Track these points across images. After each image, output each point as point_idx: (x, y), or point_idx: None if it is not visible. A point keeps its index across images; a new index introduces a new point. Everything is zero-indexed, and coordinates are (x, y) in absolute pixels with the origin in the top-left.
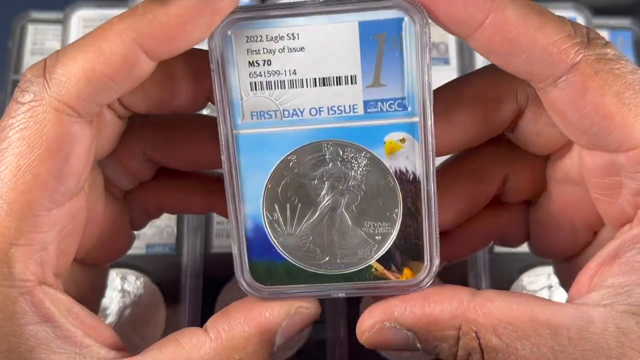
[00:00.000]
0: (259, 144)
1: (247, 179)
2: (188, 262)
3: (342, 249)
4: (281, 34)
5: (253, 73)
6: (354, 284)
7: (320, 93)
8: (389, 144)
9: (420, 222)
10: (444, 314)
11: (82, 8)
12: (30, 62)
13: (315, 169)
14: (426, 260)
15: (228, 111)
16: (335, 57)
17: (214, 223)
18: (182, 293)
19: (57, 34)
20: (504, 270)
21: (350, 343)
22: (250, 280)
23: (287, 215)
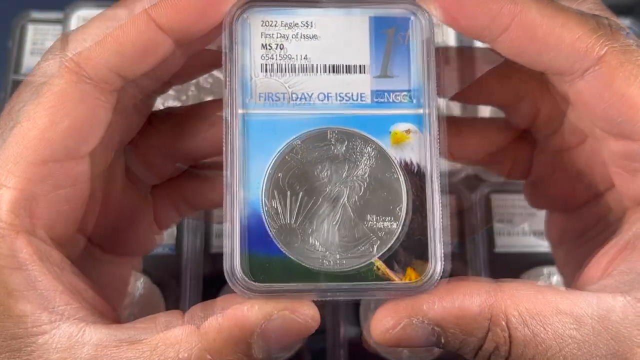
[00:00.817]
0: (264, 126)
1: (248, 162)
2: (188, 262)
3: (343, 243)
4: (296, 21)
5: (265, 55)
6: (354, 285)
7: (330, 80)
8: (395, 134)
9: (424, 217)
10: (473, 305)
11: (82, 8)
12: (30, 62)
13: (320, 157)
14: (431, 259)
15: (237, 90)
16: (346, 47)
17: (213, 223)
18: (181, 293)
19: (57, 34)
20: (504, 270)
21: (350, 343)
22: (240, 275)
23: (287, 204)
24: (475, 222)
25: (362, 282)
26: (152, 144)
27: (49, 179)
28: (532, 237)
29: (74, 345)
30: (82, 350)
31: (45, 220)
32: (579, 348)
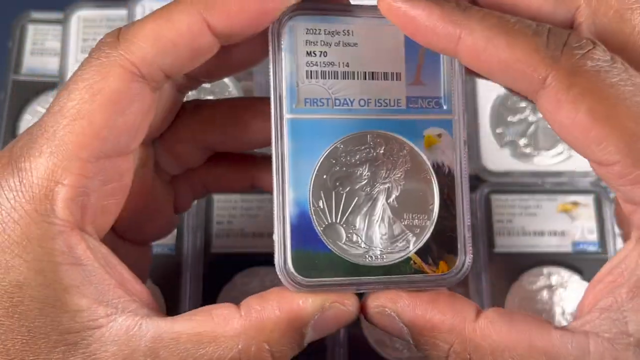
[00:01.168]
0: (309, 130)
1: (296, 164)
2: (188, 262)
3: (383, 239)
4: (338, 29)
5: (310, 62)
6: (392, 278)
7: (368, 86)
8: (428, 138)
9: (454, 215)
10: (443, 324)
11: (82, 8)
12: (30, 62)
13: (360, 159)
14: (460, 253)
15: (283, 96)
16: (383, 55)
17: (213, 223)
18: (182, 293)
19: (57, 34)
20: (503, 270)
21: (350, 343)
22: (290, 270)
23: (332, 203)
24: (475, 222)
25: (400, 275)
26: (182, 136)
27: (100, 175)
28: (532, 237)
29: (132, 337)
30: (140, 342)
31: (93, 215)
32: None
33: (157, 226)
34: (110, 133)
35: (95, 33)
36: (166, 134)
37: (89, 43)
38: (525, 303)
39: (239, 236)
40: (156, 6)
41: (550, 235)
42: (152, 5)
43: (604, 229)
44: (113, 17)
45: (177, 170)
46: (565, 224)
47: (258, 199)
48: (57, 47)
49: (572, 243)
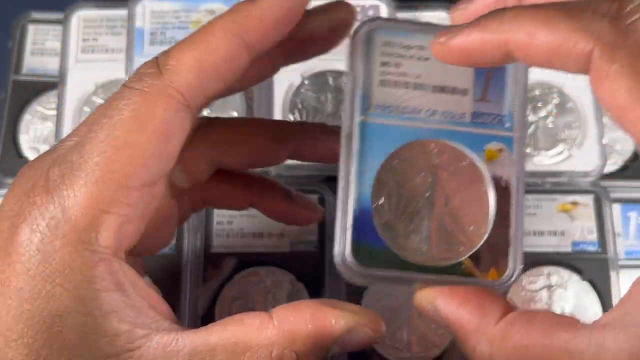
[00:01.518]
0: (377, 133)
1: (362, 163)
2: (188, 262)
3: (438, 242)
4: (412, 44)
5: (383, 72)
6: (442, 277)
7: (436, 98)
8: (489, 152)
9: (508, 227)
10: (470, 325)
11: (82, 8)
12: (30, 62)
13: (422, 164)
14: (511, 263)
15: (356, 100)
16: (453, 71)
17: (214, 223)
18: (181, 293)
19: (58, 34)
20: None
21: None
22: (348, 261)
23: (392, 202)
24: None
25: (450, 276)
26: (196, 153)
27: (141, 201)
28: (531, 237)
29: (170, 354)
30: (178, 357)
31: (128, 238)
32: None
33: (160, 239)
34: (156, 161)
35: (96, 33)
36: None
37: (89, 43)
38: (525, 303)
39: (239, 236)
40: (156, 6)
41: (550, 235)
42: (153, 6)
43: (603, 229)
44: (113, 17)
45: (186, 185)
46: (565, 224)
47: None
48: (58, 47)
49: (571, 243)
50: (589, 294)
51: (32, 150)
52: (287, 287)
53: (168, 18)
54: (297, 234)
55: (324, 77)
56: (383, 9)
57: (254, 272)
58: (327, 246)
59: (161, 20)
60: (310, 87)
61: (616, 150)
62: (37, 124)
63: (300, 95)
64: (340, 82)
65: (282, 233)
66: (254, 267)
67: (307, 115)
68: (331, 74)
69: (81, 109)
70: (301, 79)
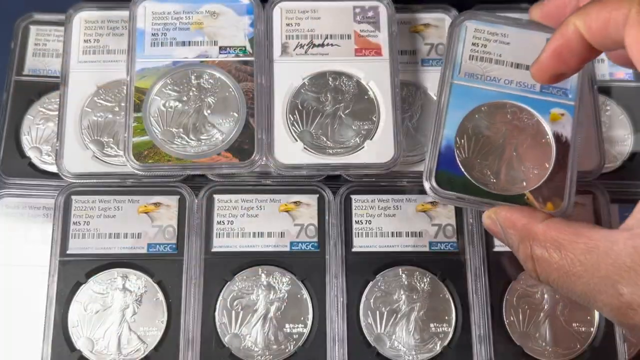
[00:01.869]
0: (465, 93)
1: (451, 113)
2: (189, 261)
3: (506, 177)
4: (497, 32)
5: (473, 50)
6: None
7: (513, 72)
8: (553, 115)
9: (565, 172)
10: (519, 222)
11: (84, 10)
12: (32, 63)
13: (498, 120)
14: (565, 199)
15: (451, 68)
16: (527, 53)
17: (214, 223)
18: (183, 291)
19: (59, 35)
20: (502, 269)
21: (350, 342)
22: (434, 185)
23: (471, 144)
24: (473, 221)
25: (514, 204)
26: None
27: None
28: None
29: None
30: None
31: None
32: (584, 269)
33: None
34: None
35: (97, 34)
36: None
37: (91, 44)
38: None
39: (239, 236)
40: (157, 8)
41: None
42: (154, 7)
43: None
44: (115, 18)
45: None
46: None
47: (258, 198)
48: (59, 48)
49: None
50: None
51: (34, 150)
52: (287, 287)
53: (169, 19)
54: (297, 234)
55: (324, 77)
56: (382, 9)
57: (254, 271)
58: (327, 246)
59: (162, 21)
60: (311, 87)
61: (615, 150)
62: (39, 124)
63: (301, 96)
64: (340, 83)
65: (282, 233)
66: (254, 267)
67: (307, 116)
68: (331, 75)
69: (82, 109)
70: (301, 80)
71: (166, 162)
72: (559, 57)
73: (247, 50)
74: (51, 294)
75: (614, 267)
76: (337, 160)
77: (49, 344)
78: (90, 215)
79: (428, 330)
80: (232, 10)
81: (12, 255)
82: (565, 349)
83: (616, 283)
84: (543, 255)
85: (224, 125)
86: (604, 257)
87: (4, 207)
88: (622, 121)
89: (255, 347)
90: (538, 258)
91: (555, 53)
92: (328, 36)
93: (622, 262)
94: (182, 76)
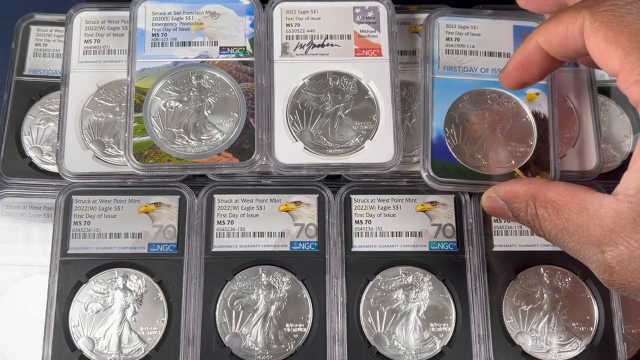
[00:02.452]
0: (446, 85)
1: (436, 106)
2: (189, 261)
3: (495, 158)
4: (467, 25)
5: (447, 44)
6: (499, 183)
7: (487, 60)
8: (529, 95)
9: (548, 146)
10: (523, 190)
11: (84, 10)
12: (32, 63)
13: (479, 106)
14: (552, 171)
15: (431, 64)
16: (498, 41)
17: (214, 223)
18: (183, 291)
19: (60, 36)
20: (501, 269)
21: (350, 342)
22: (430, 173)
23: (459, 131)
24: (472, 221)
25: None
26: None
27: None
28: (529, 237)
29: None
30: None
31: None
32: (575, 228)
33: None
34: None
35: (98, 34)
36: None
37: (92, 44)
38: (521, 301)
39: (239, 236)
40: (158, 8)
41: None
42: (154, 7)
43: None
44: (115, 18)
45: None
46: None
47: (258, 198)
48: (60, 48)
49: None
50: (583, 293)
51: (35, 150)
52: (287, 287)
53: (169, 19)
54: (297, 234)
55: (324, 78)
56: (382, 9)
57: (254, 271)
58: (327, 246)
59: (163, 21)
60: (311, 87)
61: (614, 150)
62: (40, 124)
63: (301, 96)
64: (340, 83)
65: (282, 233)
66: (254, 267)
67: (308, 116)
68: (331, 75)
69: (83, 109)
70: (302, 80)
71: (166, 162)
72: (522, 68)
73: (247, 51)
74: (52, 293)
75: (599, 228)
76: (337, 160)
77: (49, 343)
78: (90, 215)
79: (428, 330)
80: (232, 10)
81: (12, 255)
82: (565, 348)
83: (600, 243)
84: (544, 214)
85: (224, 125)
86: (592, 218)
87: (5, 207)
88: (621, 121)
89: (255, 347)
90: (541, 216)
91: (518, 65)
92: (328, 36)
93: (605, 224)
94: (182, 76)
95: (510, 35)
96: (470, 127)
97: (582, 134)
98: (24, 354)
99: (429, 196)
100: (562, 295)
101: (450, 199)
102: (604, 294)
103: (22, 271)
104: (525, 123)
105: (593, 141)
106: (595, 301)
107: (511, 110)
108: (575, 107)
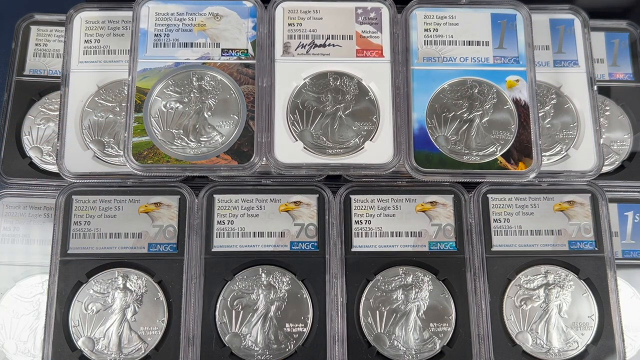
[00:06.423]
0: (426, 76)
1: (417, 97)
2: (189, 261)
3: (478, 147)
4: (445, 15)
5: (426, 35)
6: (483, 171)
7: (466, 49)
8: (509, 82)
9: (529, 132)
10: None
11: (85, 10)
12: (32, 63)
13: (460, 95)
14: (534, 158)
15: (411, 56)
16: (476, 30)
17: (214, 223)
18: (183, 291)
19: (60, 36)
20: (501, 269)
21: (350, 342)
22: (414, 164)
23: (441, 122)
24: (472, 220)
25: (489, 169)
26: None
27: None
28: (529, 237)
29: None
30: None
31: None
32: None
33: None
34: None
35: (98, 34)
36: None
37: (92, 44)
38: (523, 302)
39: (240, 236)
40: (161, 9)
41: (547, 234)
42: (157, 8)
43: (600, 228)
44: (115, 18)
45: None
46: (562, 223)
47: (258, 198)
48: (60, 48)
49: (568, 242)
50: (585, 293)
51: (35, 150)
52: (287, 287)
53: (172, 20)
54: (297, 234)
55: (325, 78)
56: (384, 10)
57: (254, 271)
58: (327, 246)
59: (165, 22)
60: (312, 87)
61: (613, 150)
62: (40, 124)
63: (302, 96)
64: (341, 83)
65: (282, 233)
66: (254, 267)
67: (308, 116)
68: (332, 75)
69: (83, 109)
70: (302, 80)
71: (165, 163)
72: None
73: (249, 53)
74: (52, 293)
75: None
76: (337, 160)
77: (49, 343)
78: (91, 215)
79: (428, 330)
80: (235, 12)
81: (12, 255)
82: (565, 348)
83: None
84: None
85: (224, 127)
86: None
87: (5, 207)
88: (621, 121)
89: (255, 347)
90: None
91: None
92: (330, 37)
93: None
94: (183, 77)
95: (488, 24)
96: (452, 116)
97: (582, 134)
98: (24, 354)
99: (428, 196)
100: (562, 295)
101: (449, 199)
102: (603, 293)
103: (22, 271)
104: (507, 110)
105: (593, 141)
106: (595, 300)
107: (492, 99)
108: (575, 107)
